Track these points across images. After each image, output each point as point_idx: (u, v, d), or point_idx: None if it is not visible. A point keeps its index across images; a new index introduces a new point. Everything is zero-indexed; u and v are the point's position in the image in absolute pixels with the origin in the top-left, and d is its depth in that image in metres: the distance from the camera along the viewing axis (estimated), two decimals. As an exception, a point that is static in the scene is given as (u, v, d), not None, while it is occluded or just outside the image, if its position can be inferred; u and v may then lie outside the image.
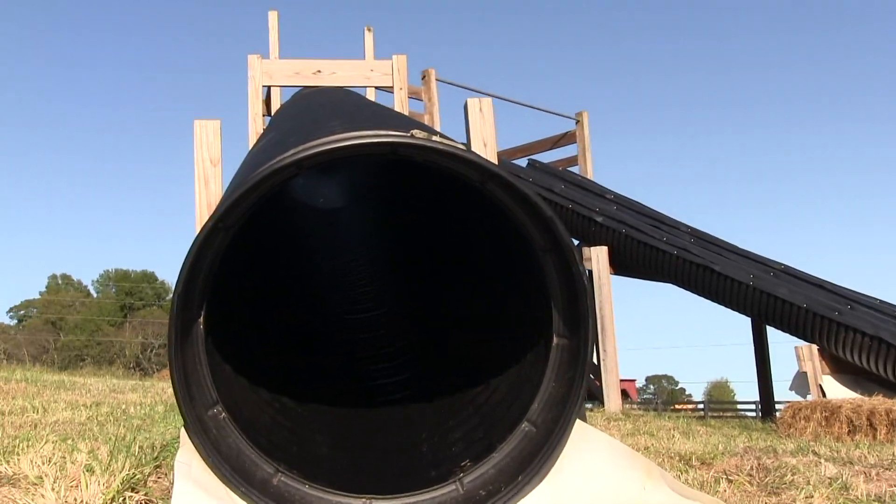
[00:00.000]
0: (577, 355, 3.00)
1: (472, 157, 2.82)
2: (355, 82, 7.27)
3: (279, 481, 2.91)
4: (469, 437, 3.29)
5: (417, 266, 4.70)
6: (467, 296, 4.12)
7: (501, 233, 3.31)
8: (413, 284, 4.49)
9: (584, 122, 14.67)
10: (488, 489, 2.98)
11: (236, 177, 3.37)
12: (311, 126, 3.27)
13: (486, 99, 5.18)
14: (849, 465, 4.53)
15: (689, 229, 12.90)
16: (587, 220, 12.71)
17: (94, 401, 7.72)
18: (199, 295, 2.85)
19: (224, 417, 2.93)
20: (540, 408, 3.07)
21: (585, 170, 14.62)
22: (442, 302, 4.40)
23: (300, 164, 2.69)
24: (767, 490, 3.67)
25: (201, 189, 4.71)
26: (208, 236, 2.68)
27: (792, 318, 10.78)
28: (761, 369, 13.69)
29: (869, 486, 3.76)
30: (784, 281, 11.31)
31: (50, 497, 2.61)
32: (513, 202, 2.94)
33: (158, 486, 2.94)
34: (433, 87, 11.31)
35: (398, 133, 2.76)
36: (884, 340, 9.89)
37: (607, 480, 2.86)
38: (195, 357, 2.91)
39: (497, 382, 3.44)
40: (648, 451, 4.92)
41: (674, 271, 11.96)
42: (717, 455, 4.62)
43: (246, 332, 3.94)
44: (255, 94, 7.03)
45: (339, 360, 4.46)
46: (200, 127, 4.80)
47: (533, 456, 2.98)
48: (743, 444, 5.60)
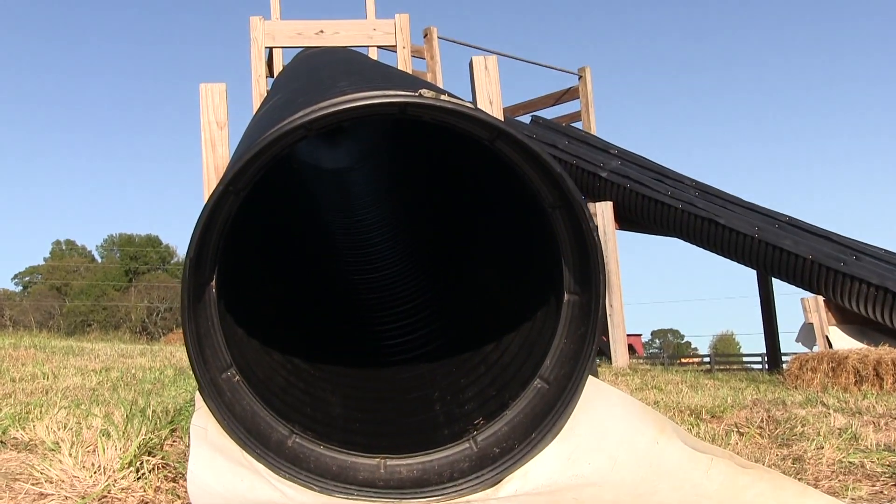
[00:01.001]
0: (588, 311, 3.00)
1: (482, 115, 2.81)
2: (358, 42, 7.21)
3: (294, 442, 2.93)
4: (482, 396, 3.30)
5: (427, 225, 4.70)
6: (478, 255, 4.12)
7: (511, 190, 3.31)
8: (423, 244, 4.48)
9: (587, 78, 14.57)
10: (502, 447, 2.99)
11: (244, 139, 3.35)
12: (319, 87, 3.25)
13: (491, 57, 5.15)
14: (857, 415, 4.55)
15: (694, 183, 12.86)
16: (592, 175, 12.68)
17: (103, 366, 7.75)
18: (211, 258, 2.85)
19: (238, 380, 2.95)
20: (552, 364, 3.08)
21: (588, 125, 14.55)
22: (452, 261, 4.40)
23: (309, 126, 2.67)
24: (778, 442, 3.69)
25: (208, 152, 4.71)
26: (219, 200, 2.68)
27: (797, 270, 10.78)
28: (767, 322, 13.73)
29: (878, 436, 3.78)
30: (789, 233, 11.30)
31: (68, 462, 2.63)
32: (522, 160, 2.93)
33: (174, 450, 2.96)
34: (435, 46, 11.22)
35: (407, 93, 2.74)
36: (889, 290, 9.90)
37: (620, 436, 2.88)
38: (208, 320, 2.91)
39: (509, 340, 3.44)
40: (658, 405, 4.94)
41: (678, 225, 11.94)
42: (727, 408, 4.64)
43: (257, 295, 3.95)
44: (258, 55, 6.98)
45: (351, 321, 4.47)
46: (206, 90, 4.79)
47: (546, 413, 3.00)
48: (751, 397, 5.62)
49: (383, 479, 2.92)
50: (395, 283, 4.69)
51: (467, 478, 2.90)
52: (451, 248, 4.44)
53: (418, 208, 4.82)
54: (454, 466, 2.97)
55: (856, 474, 3.03)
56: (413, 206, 4.90)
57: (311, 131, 2.74)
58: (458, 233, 4.38)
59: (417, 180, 4.93)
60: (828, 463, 3.20)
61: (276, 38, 7.16)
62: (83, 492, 2.48)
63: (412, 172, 5.00)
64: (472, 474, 2.91)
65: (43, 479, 2.56)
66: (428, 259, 4.59)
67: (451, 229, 4.47)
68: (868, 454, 3.31)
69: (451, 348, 3.74)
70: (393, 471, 2.90)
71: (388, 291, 4.64)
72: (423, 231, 4.64)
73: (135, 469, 2.62)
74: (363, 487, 2.87)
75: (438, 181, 4.55)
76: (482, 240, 4.04)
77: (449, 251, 4.45)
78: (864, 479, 2.95)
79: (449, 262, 4.42)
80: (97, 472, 2.59)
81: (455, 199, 4.38)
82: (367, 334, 4.31)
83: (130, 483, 2.55)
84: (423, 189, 4.83)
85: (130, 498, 2.48)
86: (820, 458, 3.27)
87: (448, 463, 2.98)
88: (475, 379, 3.47)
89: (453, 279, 4.24)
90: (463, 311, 3.96)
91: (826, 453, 3.31)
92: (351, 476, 2.91)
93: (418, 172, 4.87)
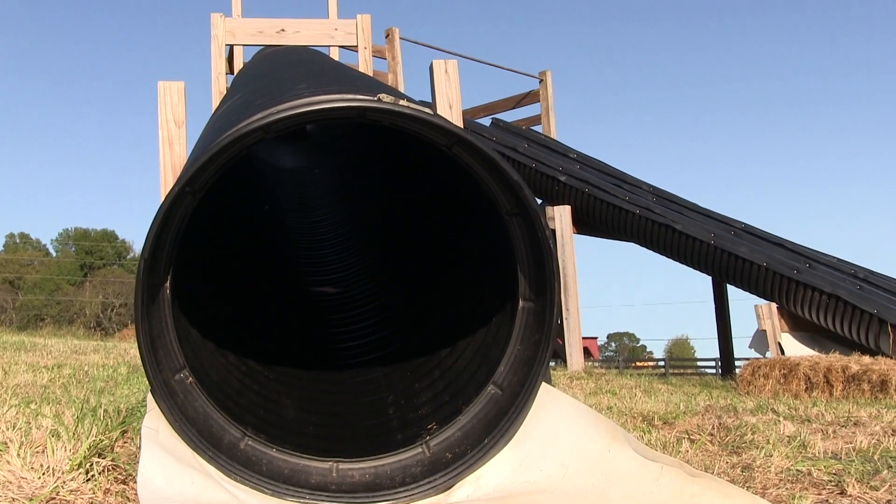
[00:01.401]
0: (542, 318, 3.02)
1: (439, 121, 2.81)
2: (319, 41, 7.20)
3: (246, 445, 2.92)
4: (435, 401, 3.31)
5: (386, 228, 4.70)
6: (436, 259, 4.12)
7: (467, 196, 3.32)
8: (379, 246, 4.48)
9: (548, 82, 14.64)
10: (454, 452, 3.00)
11: (202, 139, 3.34)
12: (278, 89, 3.24)
13: (451, 60, 5.16)
14: (806, 422, 4.61)
15: (651, 188, 12.97)
16: (550, 178, 12.73)
17: (55, 362, 7.67)
18: (166, 259, 2.84)
19: (191, 382, 2.93)
20: (506, 370, 3.09)
21: (548, 129, 14.62)
22: (410, 265, 4.40)
23: (267, 129, 2.67)
24: (728, 449, 3.74)
25: (166, 151, 4.67)
26: (175, 200, 2.66)
27: (752, 277, 10.90)
28: (721, 327, 13.86)
29: (826, 444, 3.84)
30: (744, 240, 11.43)
31: (16, 463, 2.60)
32: (479, 166, 2.94)
33: (125, 451, 2.94)
34: (397, 47, 11.22)
35: (366, 97, 2.74)
36: (841, 298, 10.04)
37: (573, 443, 2.90)
38: (162, 321, 2.90)
39: (464, 345, 3.45)
40: (611, 410, 4.98)
41: (636, 230, 12.03)
42: (679, 414, 4.68)
43: (213, 296, 3.93)
44: (219, 52, 6.95)
45: (307, 323, 4.46)
46: (164, 88, 4.75)
47: (499, 419, 3.01)
48: (704, 403, 5.68)
49: (335, 483, 2.92)
50: (351, 286, 4.69)
51: (419, 483, 2.90)
52: (410, 251, 4.44)
53: (377, 211, 4.81)
54: (406, 471, 2.97)
55: (803, 482, 3.07)
56: (372, 208, 4.90)
57: (269, 133, 2.73)
58: (416, 237, 4.39)
59: (376, 183, 4.93)
60: (776, 471, 3.24)
61: (237, 36, 7.12)
62: (31, 493, 2.45)
63: (371, 174, 5.00)
64: (424, 479, 2.91)
65: (-10, 480, 2.53)
66: (386, 262, 4.59)
67: (410, 233, 4.47)
68: (815, 462, 3.36)
69: (407, 353, 3.75)
70: (345, 475, 2.90)
71: (344, 294, 4.64)
72: (382, 234, 4.64)
73: (84, 471, 2.60)
74: (315, 491, 2.87)
75: (397, 184, 4.55)
76: (440, 244, 4.04)
77: (407, 255, 4.46)
78: (810, 488, 2.99)
79: (407, 265, 4.42)
80: (46, 473, 2.56)
81: (414, 203, 4.39)
82: (322, 336, 4.30)
83: (80, 485, 2.53)
84: (382, 192, 4.83)
85: (79, 500, 2.46)
86: (768, 466, 3.31)
87: (400, 468, 2.98)
88: (429, 384, 3.47)
89: (411, 283, 4.24)
90: (419, 316, 3.96)
91: (774, 461, 3.36)
92: (303, 479, 2.90)
93: (377, 174, 4.87)
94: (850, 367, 7.85)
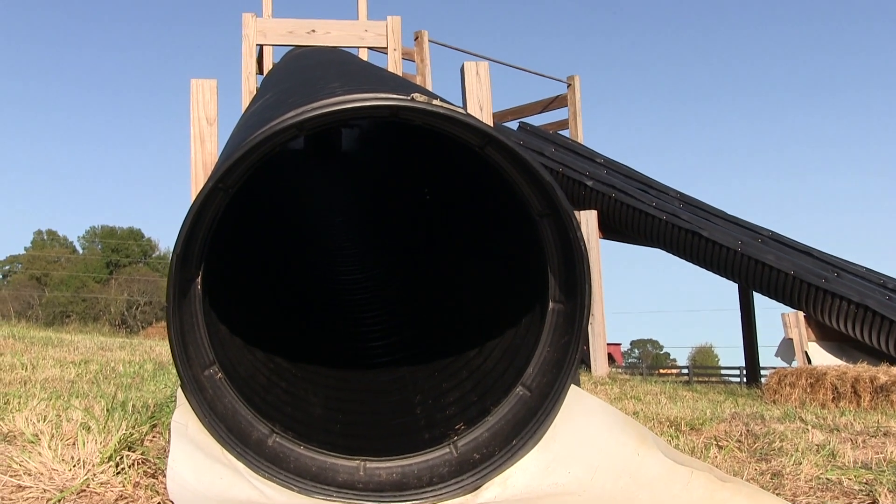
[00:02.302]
0: (572, 320, 3.01)
1: (473, 121, 2.81)
2: (349, 42, 7.21)
3: (274, 442, 2.92)
4: (463, 401, 3.30)
5: (416, 228, 4.70)
6: (463, 259, 4.12)
7: (499, 197, 3.31)
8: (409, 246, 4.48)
9: (576, 86, 14.62)
10: (482, 452, 3.00)
11: (234, 137, 3.35)
12: (311, 87, 3.25)
13: (482, 62, 5.16)
14: (835, 431, 4.57)
15: (678, 194, 12.92)
16: (577, 183, 12.71)
17: (82, 358, 7.71)
18: (198, 254, 2.85)
19: (220, 377, 2.94)
20: (535, 372, 3.08)
21: (576, 133, 14.58)
22: (438, 265, 4.40)
23: (301, 126, 2.67)
24: (757, 456, 3.71)
25: (197, 148, 4.69)
26: (208, 196, 2.67)
27: (779, 285, 10.83)
28: (747, 335, 13.78)
29: (856, 453, 3.80)
30: (771, 247, 11.36)
31: (47, 455, 2.62)
32: (511, 167, 2.94)
33: (154, 446, 2.95)
34: (426, 49, 11.22)
35: (399, 96, 2.75)
36: (869, 308, 9.96)
37: (601, 446, 2.88)
38: (192, 317, 2.91)
39: (492, 346, 3.45)
40: (637, 415, 4.95)
41: (662, 236, 11.98)
42: (706, 421, 4.65)
43: (242, 292, 3.94)
44: (249, 52, 6.97)
45: (335, 321, 4.47)
46: (197, 86, 4.78)
47: (527, 420, 3.00)
48: (730, 410, 5.65)
49: (362, 482, 2.92)
50: (379, 285, 4.69)
51: (446, 483, 2.90)
52: (438, 252, 4.44)
53: (407, 210, 4.81)
54: (434, 471, 2.97)
55: (833, 491, 3.05)
56: (402, 208, 4.90)
57: (303, 131, 2.74)
58: (445, 237, 4.39)
59: (407, 182, 4.93)
60: (806, 479, 3.21)
61: (268, 36, 7.15)
62: (62, 485, 2.47)
63: (402, 174, 5.00)
64: (452, 479, 2.91)
65: (21, 471, 2.55)
66: (414, 262, 4.59)
67: (439, 233, 4.47)
68: (845, 471, 3.33)
69: (434, 352, 3.74)
70: (372, 473, 2.90)
71: (374, 293, 4.64)
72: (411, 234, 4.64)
73: (114, 464, 2.61)
74: (342, 489, 2.87)
75: (429, 184, 4.55)
76: (469, 245, 4.04)
77: (436, 255, 4.46)
78: (841, 497, 2.97)
79: (435, 266, 4.42)
80: (76, 465, 2.58)
81: (444, 203, 4.39)
82: (350, 335, 4.31)
83: (110, 478, 2.54)
84: (413, 191, 4.83)
85: (109, 493, 2.47)
86: (798, 473, 3.28)
87: (428, 467, 2.98)
88: (457, 384, 3.47)
89: (439, 283, 4.24)
90: (447, 316, 3.96)
91: (804, 469, 3.33)
92: (330, 477, 2.91)
93: (409, 174, 4.87)
94: (879, 378, 7.77)
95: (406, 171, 4.87)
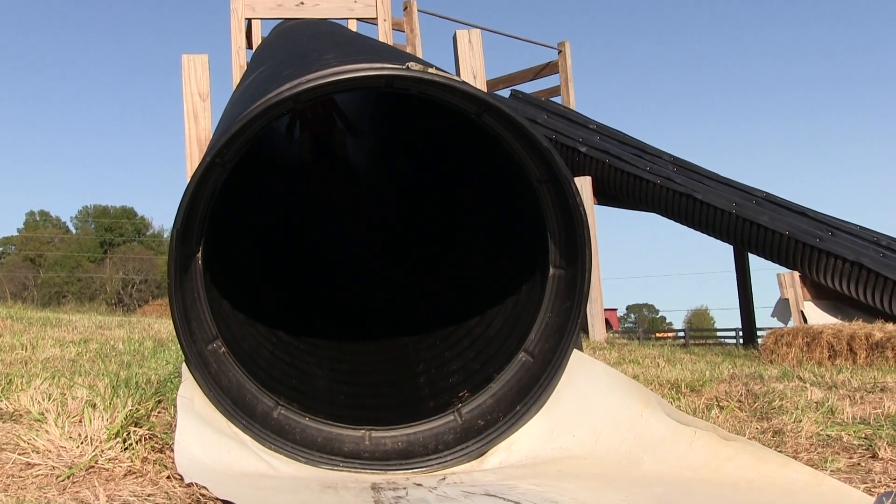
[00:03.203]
0: (573, 286, 3.02)
1: (469, 89, 2.81)
2: (338, 14, 7.16)
3: (280, 414, 2.94)
4: (466, 369, 3.32)
5: (413, 196, 4.70)
6: (463, 227, 4.12)
7: (497, 164, 3.31)
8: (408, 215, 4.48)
9: (567, 53, 14.54)
10: (487, 419, 3.02)
11: (228, 111, 3.34)
12: (305, 59, 3.24)
13: (474, 30, 5.15)
14: (833, 389, 4.60)
15: (672, 158, 12.89)
16: (571, 150, 12.67)
17: (81, 337, 7.71)
18: (198, 230, 2.85)
19: (224, 352, 2.95)
20: (537, 338, 3.10)
21: (568, 100, 14.53)
22: (438, 236, 4.40)
23: (297, 98, 2.67)
24: (758, 415, 3.74)
25: (191, 124, 4.68)
26: (206, 171, 2.67)
27: (774, 246, 10.85)
28: (743, 297, 13.82)
29: (854, 410, 3.83)
30: (766, 209, 11.36)
31: (54, 433, 2.63)
32: (509, 134, 2.94)
33: (160, 421, 2.97)
34: (415, 19, 11.13)
35: (395, 66, 2.74)
36: (864, 266, 9.99)
37: (605, 409, 2.90)
38: (194, 292, 2.92)
39: (494, 314, 3.46)
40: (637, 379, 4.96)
41: (657, 200, 11.98)
42: (706, 382, 4.68)
43: (243, 267, 3.95)
44: (238, 26, 6.91)
45: (336, 294, 4.47)
46: (189, 61, 4.77)
47: (531, 386, 3.02)
48: (728, 371, 5.67)
49: (368, 451, 2.94)
50: (380, 257, 4.69)
51: (452, 450, 2.92)
52: (436, 219, 4.44)
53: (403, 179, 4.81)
54: (439, 438, 2.99)
55: (834, 447, 3.07)
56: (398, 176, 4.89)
57: (299, 103, 2.74)
58: (443, 205, 4.39)
59: (401, 152, 4.93)
60: (806, 436, 3.24)
61: (256, 10, 7.09)
62: (70, 462, 2.48)
63: (396, 144, 4.99)
64: (457, 446, 2.93)
65: (30, 449, 2.56)
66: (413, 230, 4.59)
67: (436, 201, 4.47)
68: (845, 427, 3.35)
69: (436, 322, 3.76)
70: (378, 442, 2.92)
71: (374, 266, 4.64)
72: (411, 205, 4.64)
73: (122, 440, 2.62)
74: (348, 459, 2.89)
75: (422, 154, 4.54)
76: (467, 212, 4.04)
77: (434, 224, 4.46)
78: (841, 452, 3.00)
79: (434, 234, 4.42)
80: (84, 442, 2.59)
81: (440, 172, 4.38)
82: (352, 308, 4.31)
83: (118, 454, 2.56)
84: (407, 161, 4.83)
85: (118, 468, 2.48)
86: (799, 431, 3.31)
87: (433, 435, 3.00)
88: (459, 352, 3.49)
89: (438, 251, 4.25)
90: (448, 286, 3.97)
91: (805, 426, 3.36)
92: (336, 447, 2.93)
93: (401, 144, 4.86)
94: (874, 335, 7.80)
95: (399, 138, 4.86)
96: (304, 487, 2.55)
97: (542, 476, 2.64)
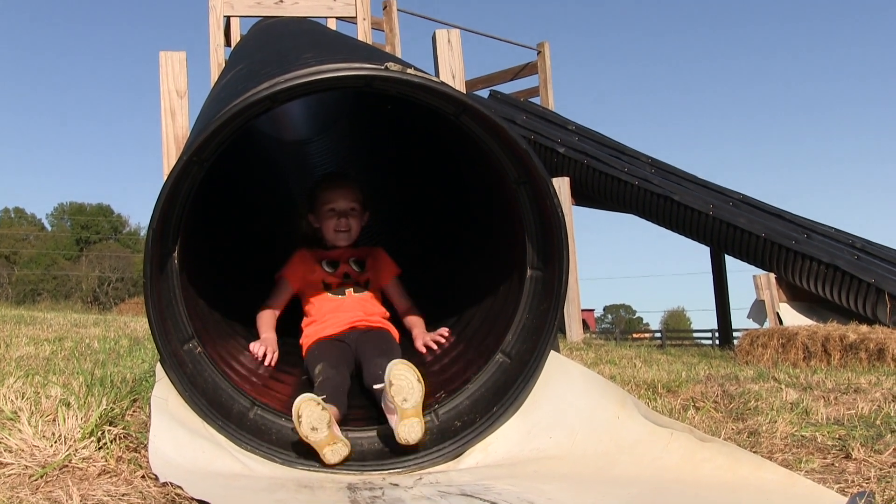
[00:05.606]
0: (551, 287, 3.03)
1: (447, 89, 2.81)
2: (317, 13, 7.14)
3: (256, 414, 2.93)
4: (444, 370, 3.32)
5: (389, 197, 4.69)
6: (438, 228, 4.12)
7: (475, 165, 3.32)
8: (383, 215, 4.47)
9: (546, 53, 14.58)
10: (463, 420, 3.02)
11: (206, 110, 3.33)
12: (284, 58, 3.23)
13: (454, 30, 5.15)
14: (808, 390, 4.63)
15: (650, 160, 12.96)
16: (549, 150, 12.72)
17: (56, 335, 7.66)
18: (174, 229, 2.84)
19: (200, 352, 2.94)
20: (514, 339, 3.10)
21: (547, 101, 14.56)
22: (414, 234, 4.40)
23: (275, 98, 2.66)
24: (734, 416, 3.75)
25: (168, 122, 4.66)
26: (183, 170, 2.66)
27: (750, 247, 10.94)
28: (719, 298, 13.90)
29: (828, 410, 3.85)
30: (743, 210, 11.44)
31: (27, 432, 2.61)
32: (487, 135, 2.95)
33: (135, 420, 2.95)
34: (394, 18, 11.13)
35: (373, 66, 2.74)
36: (839, 268, 10.08)
37: (582, 410, 2.91)
38: (170, 291, 2.90)
39: (471, 315, 3.46)
40: (614, 379, 4.98)
41: (634, 201, 12.04)
42: (682, 383, 4.69)
43: (219, 267, 3.93)
44: (217, 24, 6.88)
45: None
46: (166, 59, 4.74)
47: (507, 387, 3.02)
48: (704, 372, 5.69)
49: (345, 452, 2.93)
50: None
51: (429, 450, 2.91)
52: (415, 220, 4.44)
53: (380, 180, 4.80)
54: (416, 439, 2.98)
55: (808, 447, 3.09)
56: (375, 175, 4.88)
57: (276, 102, 2.73)
58: (420, 205, 4.39)
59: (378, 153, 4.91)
60: (781, 436, 3.25)
61: (235, 7, 7.06)
62: (43, 461, 2.46)
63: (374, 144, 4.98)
64: (434, 447, 2.93)
65: (2, 448, 2.53)
66: (390, 231, 4.58)
67: (414, 202, 4.47)
68: (819, 428, 3.37)
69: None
70: (354, 443, 2.90)
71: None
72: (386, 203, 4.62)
73: (96, 439, 2.60)
74: (325, 459, 2.88)
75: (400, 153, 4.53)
76: (446, 214, 4.04)
77: (412, 224, 4.45)
78: (816, 452, 3.01)
79: (411, 235, 4.42)
80: (58, 441, 2.57)
81: (416, 171, 4.38)
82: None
83: (92, 452, 2.54)
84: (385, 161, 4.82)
85: (92, 467, 2.46)
86: (774, 431, 3.33)
87: (409, 436, 2.99)
88: (437, 353, 3.49)
89: (415, 253, 4.24)
90: (425, 286, 3.96)
91: (779, 427, 3.37)
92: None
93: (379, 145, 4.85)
94: (848, 336, 7.87)
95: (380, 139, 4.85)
96: (280, 487, 2.54)
97: (518, 476, 2.64)
